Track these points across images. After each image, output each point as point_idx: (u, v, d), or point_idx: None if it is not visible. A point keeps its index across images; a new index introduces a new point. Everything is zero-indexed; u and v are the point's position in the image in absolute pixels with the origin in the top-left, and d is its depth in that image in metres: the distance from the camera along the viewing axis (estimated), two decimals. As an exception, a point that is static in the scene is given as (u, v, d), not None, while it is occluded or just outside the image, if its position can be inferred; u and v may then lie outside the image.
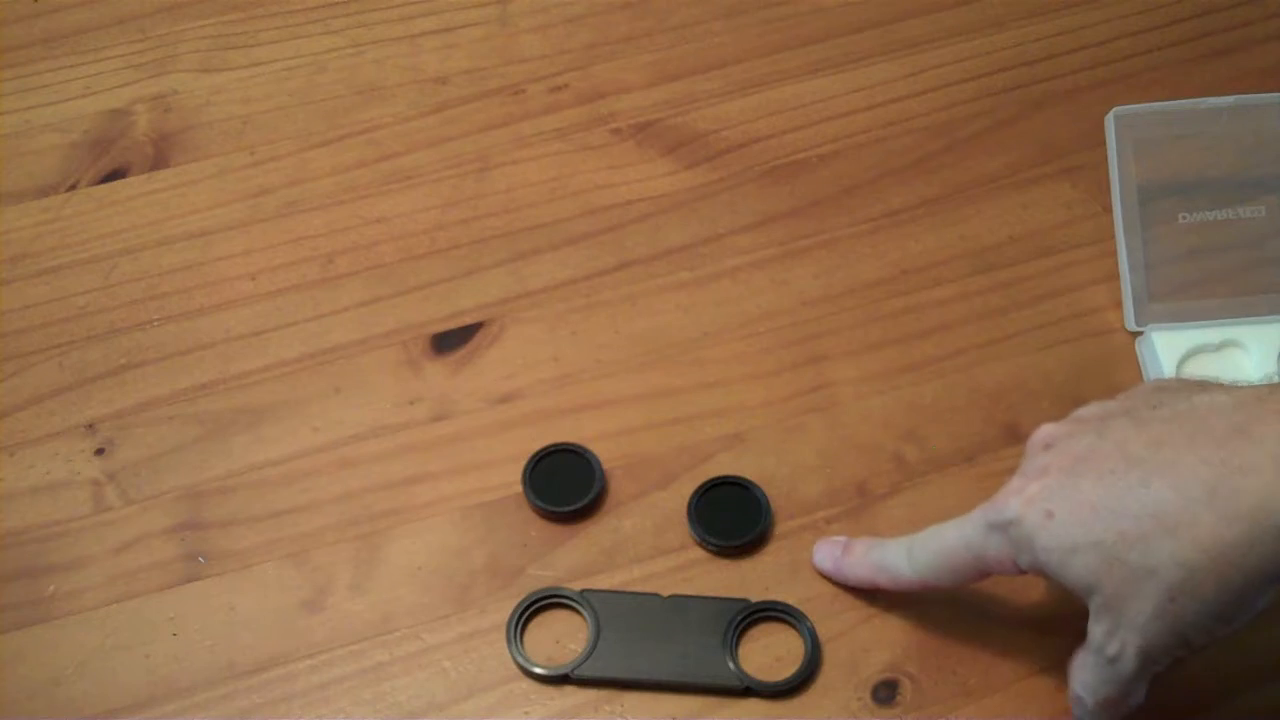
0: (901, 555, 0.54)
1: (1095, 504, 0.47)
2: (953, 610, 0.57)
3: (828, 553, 0.58)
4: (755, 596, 0.58)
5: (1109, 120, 0.67)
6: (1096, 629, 0.48)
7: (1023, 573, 0.50)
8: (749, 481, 0.61)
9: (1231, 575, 0.44)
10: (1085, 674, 0.50)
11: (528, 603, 0.58)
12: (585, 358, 0.66)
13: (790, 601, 0.58)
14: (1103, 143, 0.67)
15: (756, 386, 0.65)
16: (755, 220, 0.71)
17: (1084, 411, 0.51)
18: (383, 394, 0.65)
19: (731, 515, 0.60)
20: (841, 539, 0.58)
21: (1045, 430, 0.51)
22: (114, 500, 0.61)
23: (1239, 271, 0.66)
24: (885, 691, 0.56)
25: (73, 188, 0.72)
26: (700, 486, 0.61)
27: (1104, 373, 0.65)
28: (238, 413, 0.64)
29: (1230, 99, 0.66)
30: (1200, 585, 0.45)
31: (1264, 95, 0.67)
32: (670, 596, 0.58)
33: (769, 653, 0.57)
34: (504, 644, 0.57)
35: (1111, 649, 0.48)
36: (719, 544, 0.59)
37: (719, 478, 0.61)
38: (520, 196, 0.72)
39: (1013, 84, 0.76)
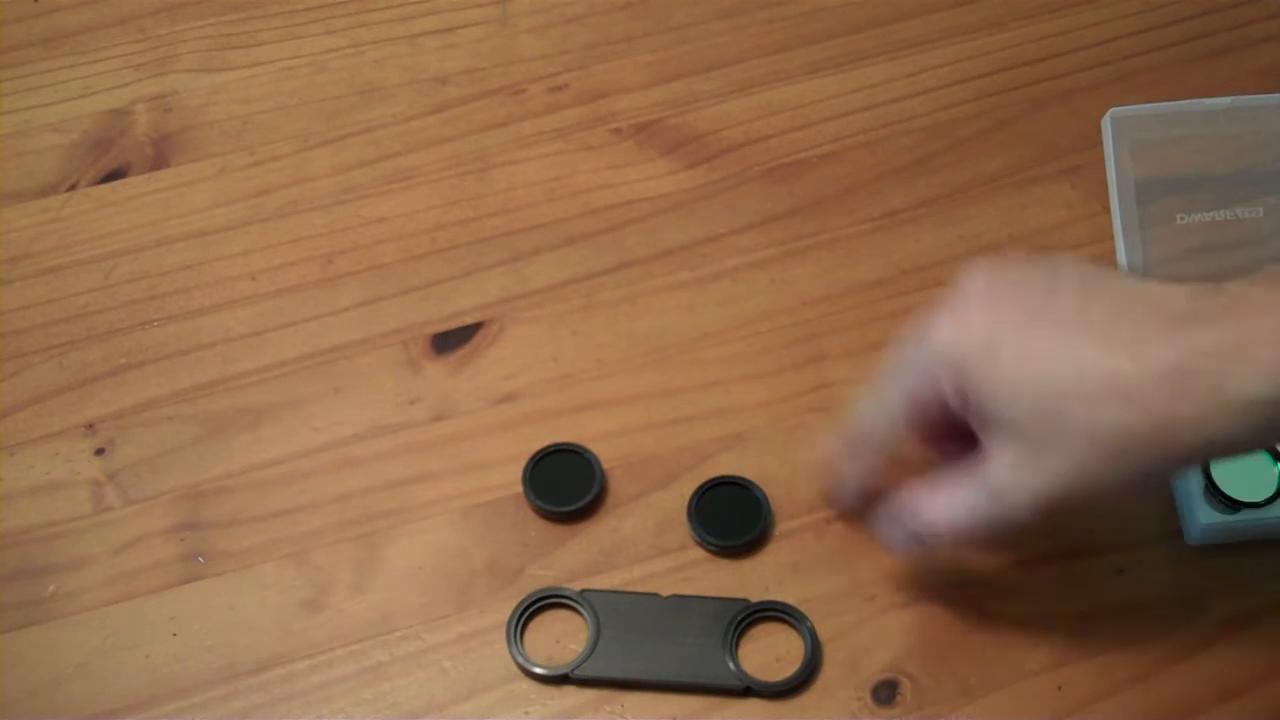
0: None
1: (1051, 353, 0.46)
2: (953, 610, 0.58)
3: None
4: (755, 596, 0.58)
5: (1106, 121, 0.67)
6: (1000, 462, 0.48)
7: (948, 413, 0.49)
8: (749, 481, 0.61)
9: (1170, 448, 0.45)
10: (956, 500, 0.50)
11: (528, 603, 0.58)
12: (585, 358, 0.66)
13: (790, 601, 0.58)
14: (1102, 142, 0.67)
15: (756, 386, 0.65)
16: (755, 220, 0.71)
17: (1019, 258, 0.50)
18: (383, 394, 0.65)
19: (731, 515, 0.60)
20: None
21: (981, 262, 0.50)
22: (114, 500, 0.61)
23: (1238, 272, 0.66)
24: (885, 691, 0.56)
25: (73, 188, 0.72)
26: (700, 486, 0.61)
27: (1103, 373, 0.65)
28: (238, 413, 0.64)
29: (1227, 100, 0.66)
30: (1135, 453, 0.45)
31: (1262, 96, 0.67)
32: (670, 596, 0.58)
33: (769, 653, 0.57)
34: (504, 644, 0.57)
35: (1006, 482, 0.48)
36: (719, 544, 0.59)
37: (719, 478, 0.61)
38: (520, 196, 0.72)
39: (1012, 84, 0.76)
